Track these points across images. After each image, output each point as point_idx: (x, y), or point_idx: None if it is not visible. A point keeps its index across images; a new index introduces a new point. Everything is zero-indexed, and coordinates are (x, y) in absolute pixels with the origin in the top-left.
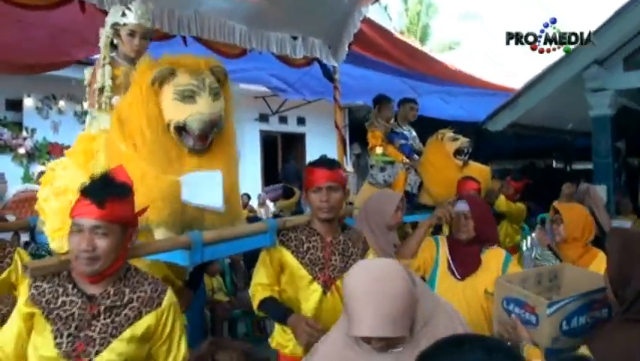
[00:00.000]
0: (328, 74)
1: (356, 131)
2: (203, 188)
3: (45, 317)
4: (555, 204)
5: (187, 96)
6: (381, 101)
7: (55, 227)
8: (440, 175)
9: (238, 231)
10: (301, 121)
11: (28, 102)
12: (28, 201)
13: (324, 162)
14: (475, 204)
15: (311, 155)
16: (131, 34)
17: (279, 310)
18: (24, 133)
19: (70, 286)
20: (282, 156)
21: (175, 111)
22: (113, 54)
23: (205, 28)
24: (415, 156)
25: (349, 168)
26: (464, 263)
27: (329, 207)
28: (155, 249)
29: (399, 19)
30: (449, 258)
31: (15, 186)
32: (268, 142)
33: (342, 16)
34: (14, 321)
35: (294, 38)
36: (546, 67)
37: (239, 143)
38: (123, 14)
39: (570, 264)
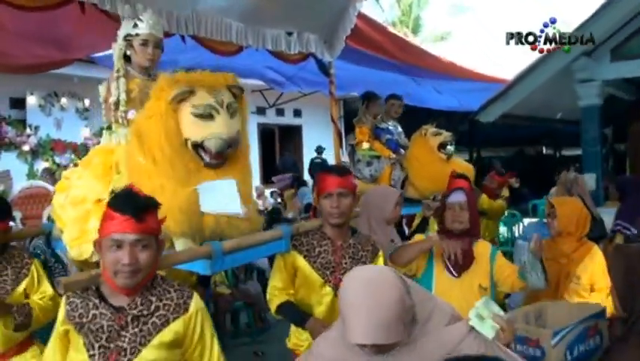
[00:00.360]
0: (324, 68)
1: (351, 123)
2: (220, 196)
3: (78, 332)
4: (551, 195)
5: (205, 115)
6: (369, 97)
7: (74, 236)
8: (425, 170)
9: (255, 239)
10: (298, 113)
11: (31, 100)
12: (33, 197)
13: (335, 168)
14: (470, 195)
15: (307, 146)
16: (144, 43)
17: (297, 314)
18: (28, 130)
19: (98, 300)
20: (279, 148)
21: (193, 130)
22: (128, 68)
23: (202, 26)
24: (402, 151)
25: (345, 158)
26: (459, 259)
27: (339, 212)
28: (178, 259)
29: (390, 10)
30: (444, 256)
31: (20, 183)
32: (266, 134)
33: (337, 11)
34: (53, 338)
35: (289, 34)
36: (536, 59)
37: None
38: (135, 25)
39: (550, 301)
